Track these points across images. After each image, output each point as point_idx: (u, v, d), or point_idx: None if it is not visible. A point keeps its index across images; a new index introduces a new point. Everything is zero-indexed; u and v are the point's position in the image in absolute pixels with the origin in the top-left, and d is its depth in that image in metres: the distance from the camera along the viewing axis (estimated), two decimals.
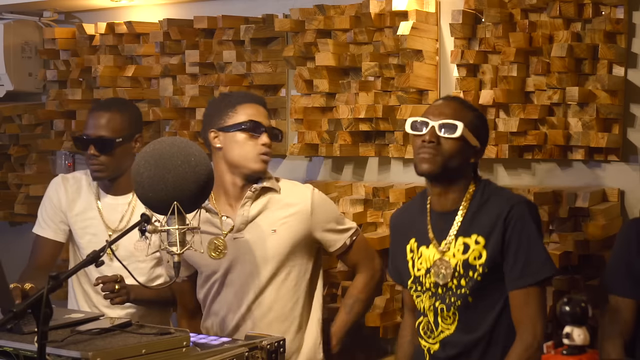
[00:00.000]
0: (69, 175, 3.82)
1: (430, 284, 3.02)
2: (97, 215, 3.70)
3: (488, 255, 2.94)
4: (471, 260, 2.96)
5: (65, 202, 3.73)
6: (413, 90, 3.74)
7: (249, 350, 2.66)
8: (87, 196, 3.74)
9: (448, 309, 2.99)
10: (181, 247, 2.72)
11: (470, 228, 2.98)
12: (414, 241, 3.10)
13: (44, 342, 2.34)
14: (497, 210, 2.96)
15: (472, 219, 2.99)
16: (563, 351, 2.12)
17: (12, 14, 4.88)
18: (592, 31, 3.40)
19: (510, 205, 2.95)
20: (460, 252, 2.97)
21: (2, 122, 4.91)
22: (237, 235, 3.31)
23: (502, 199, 2.99)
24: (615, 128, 3.43)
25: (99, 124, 3.62)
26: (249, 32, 4.14)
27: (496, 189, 3.08)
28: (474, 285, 2.96)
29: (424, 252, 3.06)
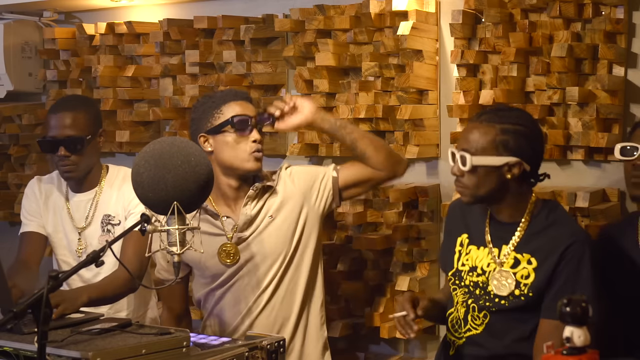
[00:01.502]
0: (43, 177, 3.85)
1: (471, 282, 2.98)
2: (65, 215, 3.73)
3: (536, 279, 2.87)
4: (518, 277, 2.90)
5: (41, 201, 3.76)
6: (413, 90, 3.74)
7: (249, 350, 2.66)
8: (57, 196, 3.77)
9: (480, 310, 2.95)
10: (181, 247, 2.72)
11: (527, 246, 2.91)
12: (466, 237, 3.05)
13: (44, 342, 2.34)
14: (558, 240, 2.87)
15: (531, 238, 2.92)
16: (563, 351, 2.11)
17: (12, 14, 4.88)
18: (592, 31, 3.40)
19: (572, 239, 2.86)
20: (510, 264, 2.92)
21: (2, 122, 4.91)
22: (241, 235, 3.31)
23: (566, 229, 2.90)
24: (615, 128, 3.43)
25: (65, 124, 3.60)
26: (249, 32, 4.14)
27: (563, 216, 2.97)
28: (514, 301, 2.90)
29: (473, 251, 3.01)
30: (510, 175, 2.88)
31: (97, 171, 3.73)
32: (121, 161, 4.52)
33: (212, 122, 3.29)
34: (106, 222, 3.67)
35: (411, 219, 3.80)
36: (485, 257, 2.97)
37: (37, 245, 3.75)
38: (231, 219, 3.32)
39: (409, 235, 3.75)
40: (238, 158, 3.27)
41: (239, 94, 3.37)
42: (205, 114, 3.31)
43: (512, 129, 2.88)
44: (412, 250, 3.76)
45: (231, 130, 3.27)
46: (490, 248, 2.97)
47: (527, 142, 2.89)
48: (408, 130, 3.75)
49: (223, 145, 3.28)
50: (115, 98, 4.55)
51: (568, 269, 2.84)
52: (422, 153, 3.76)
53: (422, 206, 3.77)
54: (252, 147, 3.27)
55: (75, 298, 3.09)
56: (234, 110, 3.29)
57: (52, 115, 3.65)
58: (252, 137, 3.27)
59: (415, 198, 3.78)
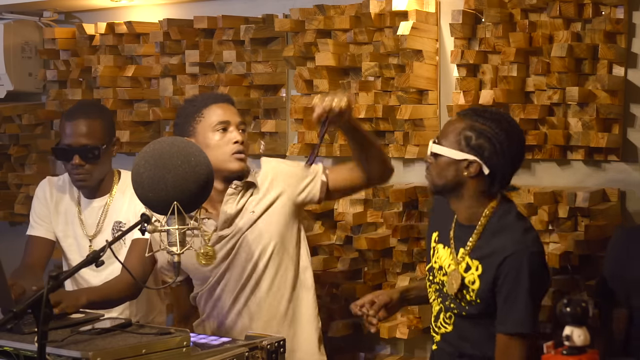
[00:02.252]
0: (55, 178, 3.81)
1: (440, 280, 3.00)
2: (76, 220, 3.71)
3: (480, 287, 2.87)
4: (467, 281, 2.90)
5: (51, 204, 3.74)
6: (413, 90, 3.74)
7: (249, 350, 2.66)
8: (69, 200, 3.74)
9: (446, 311, 2.98)
10: (181, 247, 2.72)
11: (477, 252, 2.91)
12: (436, 235, 3.06)
13: (44, 342, 2.34)
14: (499, 249, 2.85)
15: (482, 244, 2.91)
16: (563, 351, 2.12)
17: (12, 14, 4.88)
18: (592, 31, 3.40)
19: (510, 250, 2.82)
20: (463, 268, 2.92)
21: (2, 122, 4.91)
22: (222, 233, 3.28)
23: (508, 238, 2.85)
24: (615, 128, 3.43)
25: (81, 132, 3.56)
26: (249, 32, 4.14)
27: (511, 222, 2.90)
28: (467, 305, 2.92)
29: (440, 250, 3.02)
30: (466, 172, 2.87)
31: (110, 178, 3.70)
32: (121, 161, 4.51)
33: (195, 126, 3.27)
34: (117, 229, 3.62)
35: (411, 219, 3.80)
36: (447, 257, 2.98)
37: (44, 250, 3.73)
38: (212, 220, 3.29)
39: (409, 235, 3.75)
40: (221, 159, 3.23)
41: (220, 97, 3.37)
42: (187, 117, 3.29)
43: (479, 128, 2.86)
44: (412, 250, 3.76)
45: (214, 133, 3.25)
46: (452, 248, 2.97)
47: (490, 145, 2.84)
48: (408, 130, 3.75)
49: (205, 148, 3.14)
50: (115, 98, 4.55)
51: (507, 282, 2.82)
52: (422, 153, 3.76)
53: (422, 206, 3.77)
54: (234, 148, 3.24)
55: (75, 298, 3.09)
56: (215, 113, 3.27)
57: (67, 122, 3.60)
58: (233, 139, 3.25)
59: (415, 198, 3.78)
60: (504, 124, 2.89)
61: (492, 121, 2.87)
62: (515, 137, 2.91)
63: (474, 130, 2.86)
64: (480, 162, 2.85)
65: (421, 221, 3.80)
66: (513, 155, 2.89)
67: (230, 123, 3.27)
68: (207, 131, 3.26)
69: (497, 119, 2.88)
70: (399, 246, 3.77)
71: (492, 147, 2.85)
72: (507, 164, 2.88)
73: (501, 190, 2.92)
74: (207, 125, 3.26)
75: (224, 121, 3.26)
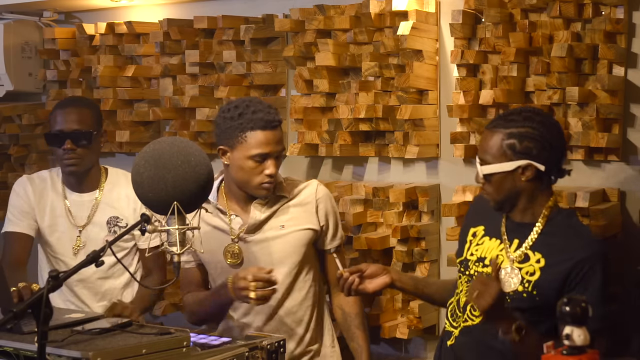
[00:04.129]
0: (34, 175, 3.86)
1: (475, 272, 2.98)
2: (64, 213, 3.73)
3: (541, 277, 2.86)
4: (523, 272, 2.90)
5: (34, 200, 3.75)
6: (413, 90, 3.74)
7: (249, 350, 2.66)
8: (53, 195, 3.76)
9: None
10: (181, 247, 2.72)
11: (540, 246, 2.91)
12: (482, 229, 3.05)
13: (44, 342, 2.34)
14: (574, 248, 2.86)
15: (546, 239, 2.91)
16: (563, 351, 2.11)
17: (12, 14, 4.88)
18: (592, 31, 3.40)
19: (589, 251, 2.85)
20: (519, 260, 2.92)
21: (2, 122, 4.91)
22: (247, 236, 3.31)
23: (584, 239, 2.89)
24: (615, 128, 3.43)
25: (72, 119, 3.65)
26: (249, 32, 4.14)
27: (580, 225, 2.97)
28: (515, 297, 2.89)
29: (486, 242, 3.01)
30: (524, 178, 2.88)
31: (97, 172, 3.76)
32: (121, 161, 4.53)
33: (234, 142, 3.22)
34: (113, 224, 3.70)
35: (411, 219, 3.80)
36: (495, 249, 2.97)
37: (25, 247, 3.74)
38: (240, 218, 3.32)
39: (409, 235, 3.75)
40: (249, 184, 3.26)
41: (269, 123, 3.23)
42: (230, 129, 3.22)
43: (517, 132, 2.87)
44: (412, 250, 3.76)
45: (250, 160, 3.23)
46: (505, 240, 2.97)
47: (535, 142, 2.87)
48: (408, 130, 3.75)
49: (238, 168, 3.23)
50: (115, 98, 4.55)
51: (581, 280, 2.83)
52: (422, 153, 3.76)
53: (422, 206, 3.77)
54: (264, 179, 3.24)
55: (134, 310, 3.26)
56: (259, 142, 3.20)
57: (58, 110, 3.70)
58: (267, 171, 3.23)
59: (415, 198, 3.78)
60: (535, 117, 2.92)
61: (525, 120, 2.89)
62: (552, 124, 2.95)
63: (514, 137, 2.87)
64: (533, 163, 2.87)
65: (421, 221, 3.81)
66: (557, 141, 2.92)
67: (269, 155, 3.23)
68: (245, 156, 3.22)
69: (528, 117, 2.91)
70: (399, 246, 3.77)
71: (537, 144, 2.87)
72: (556, 151, 2.91)
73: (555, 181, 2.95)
74: (246, 150, 3.21)
75: (264, 154, 3.21)
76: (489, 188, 2.94)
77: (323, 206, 3.37)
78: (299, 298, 3.34)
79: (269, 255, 3.29)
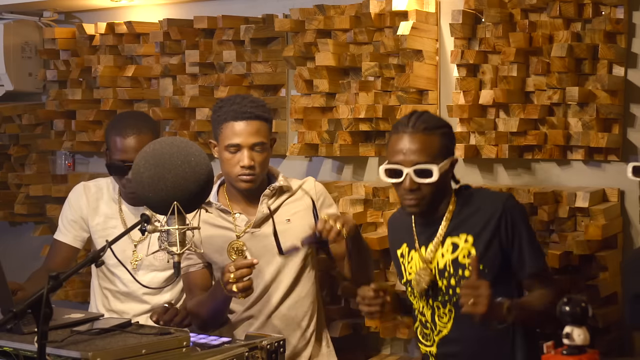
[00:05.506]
0: (91, 183, 3.76)
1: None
2: (119, 224, 3.65)
3: (480, 252, 2.95)
4: (460, 258, 2.98)
5: (87, 210, 3.69)
6: (413, 90, 3.74)
7: (249, 350, 2.66)
8: (109, 204, 3.69)
9: (444, 306, 2.99)
10: (181, 247, 2.72)
11: (459, 229, 3.00)
12: (405, 246, 3.13)
13: (44, 342, 2.34)
14: (488, 210, 2.98)
15: (460, 221, 3.00)
16: (563, 351, 2.12)
17: (12, 14, 4.88)
18: (592, 31, 3.40)
19: (502, 203, 2.98)
20: (450, 251, 2.99)
21: (2, 122, 4.91)
22: (255, 231, 3.32)
23: (489, 198, 3.03)
24: (615, 128, 3.43)
25: (135, 147, 3.47)
26: (249, 32, 4.14)
27: (482, 190, 3.13)
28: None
29: (414, 256, 3.08)
30: (450, 173, 3.04)
31: None
32: None
33: (217, 134, 3.30)
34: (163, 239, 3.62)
35: None
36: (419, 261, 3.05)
37: (67, 257, 3.71)
38: (244, 215, 3.33)
39: None
40: (229, 176, 3.30)
41: (241, 114, 3.27)
42: (214, 123, 3.33)
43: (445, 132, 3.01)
44: None
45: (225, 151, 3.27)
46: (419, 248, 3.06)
47: (452, 138, 3.05)
48: None
49: (220, 160, 3.31)
50: (115, 98, 4.55)
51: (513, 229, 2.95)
52: None
53: None
54: (240, 171, 3.26)
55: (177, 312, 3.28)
56: (231, 132, 3.25)
57: (119, 138, 3.54)
58: (241, 162, 3.25)
59: None
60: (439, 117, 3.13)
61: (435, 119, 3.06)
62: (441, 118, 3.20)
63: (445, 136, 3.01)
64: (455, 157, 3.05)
65: None
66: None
67: (242, 146, 3.25)
68: (222, 147, 3.28)
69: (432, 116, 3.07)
70: None
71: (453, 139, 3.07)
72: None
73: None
74: (222, 141, 3.28)
75: (234, 144, 3.25)
76: (429, 189, 2.97)
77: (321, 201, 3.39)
78: (304, 291, 3.35)
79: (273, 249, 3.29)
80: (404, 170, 2.95)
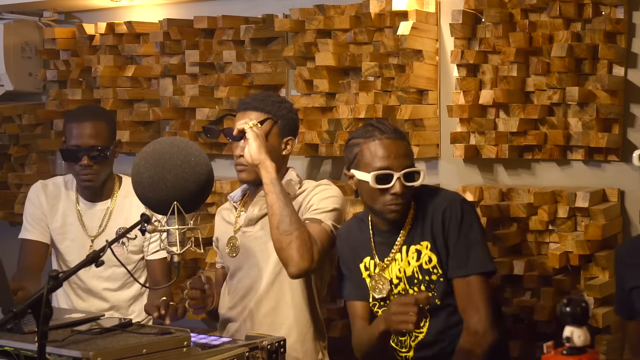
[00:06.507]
0: (48, 182, 3.84)
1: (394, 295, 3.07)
2: (76, 221, 3.73)
3: (438, 257, 2.98)
4: (424, 265, 3.01)
5: (46, 207, 3.75)
6: (413, 90, 3.73)
7: (249, 350, 2.66)
8: (66, 202, 3.76)
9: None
10: (181, 247, 2.72)
11: (418, 235, 3.03)
12: (369, 259, 3.14)
13: (44, 342, 2.33)
14: (435, 212, 3.01)
15: (418, 227, 3.04)
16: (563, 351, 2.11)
17: (12, 14, 4.88)
18: (592, 31, 3.40)
19: (445, 204, 3.01)
20: (415, 259, 3.03)
21: (2, 122, 4.91)
22: (247, 231, 3.35)
23: (437, 200, 3.04)
24: (615, 128, 3.43)
25: (88, 133, 3.62)
26: (249, 32, 4.14)
27: (430, 191, 3.11)
28: (437, 287, 3.01)
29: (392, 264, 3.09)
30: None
31: (111, 181, 3.76)
32: (121, 161, 4.51)
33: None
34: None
35: None
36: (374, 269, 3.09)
37: (39, 254, 3.75)
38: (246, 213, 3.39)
39: None
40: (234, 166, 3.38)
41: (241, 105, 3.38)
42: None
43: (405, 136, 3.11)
44: None
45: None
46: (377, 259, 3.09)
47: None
48: (408, 130, 3.74)
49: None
50: (115, 98, 4.55)
51: (453, 227, 2.97)
52: (422, 153, 3.76)
53: None
54: (235, 160, 3.31)
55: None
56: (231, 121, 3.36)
57: (74, 124, 3.65)
58: (235, 152, 3.31)
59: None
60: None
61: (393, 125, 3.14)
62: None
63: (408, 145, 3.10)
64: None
65: None
66: None
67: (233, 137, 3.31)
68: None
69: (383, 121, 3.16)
70: None
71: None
72: None
73: None
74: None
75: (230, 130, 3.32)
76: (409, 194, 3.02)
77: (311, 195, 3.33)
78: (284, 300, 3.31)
79: (264, 250, 3.30)
80: (394, 174, 2.96)
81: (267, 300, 3.31)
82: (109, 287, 3.69)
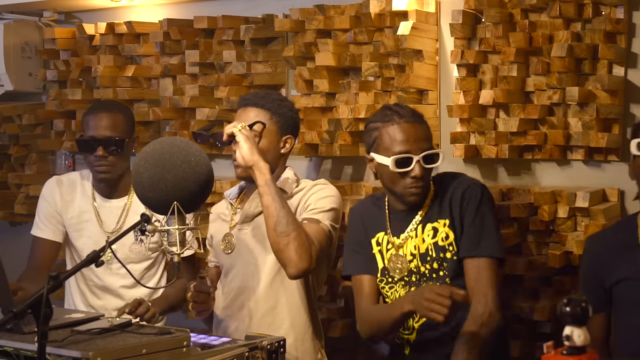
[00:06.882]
0: (63, 177, 3.82)
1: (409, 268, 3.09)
2: (93, 218, 3.70)
3: (455, 235, 3.04)
4: (440, 242, 3.05)
5: (61, 204, 3.73)
6: (413, 90, 3.74)
7: (249, 350, 2.66)
8: (82, 198, 3.74)
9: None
10: (181, 247, 2.72)
11: (436, 214, 3.08)
12: (382, 234, 3.17)
13: (43, 342, 2.33)
14: (455, 192, 3.07)
15: (436, 206, 3.09)
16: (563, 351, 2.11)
17: (12, 14, 4.88)
18: (592, 31, 3.40)
19: (467, 185, 3.09)
20: (430, 236, 3.07)
21: (2, 122, 4.91)
22: (243, 228, 3.35)
23: (457, 182, 3.11)
24: (615, 128, 3.43)
25: (104, 124, 3.64)
26: (249, 32, 4.14)
27: (451, 176, 3.19)
28: (449, 265, 3.04)
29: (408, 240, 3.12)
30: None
31: (128, 177, 3.71)
32: None
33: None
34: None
35: None
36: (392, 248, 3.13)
37: (50, 252, 3.74)
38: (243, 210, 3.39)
39: None
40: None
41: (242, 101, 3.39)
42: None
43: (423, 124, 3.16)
44: None
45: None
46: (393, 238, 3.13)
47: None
48: None
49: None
50: (115, 98, 4.54)
51: (470, 209, 3.03)
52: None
53: None
54: (233, 155, 3.29)
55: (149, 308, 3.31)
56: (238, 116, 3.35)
57: (90, 116, 3.67)
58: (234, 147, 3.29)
59: None
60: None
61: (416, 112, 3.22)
62: None
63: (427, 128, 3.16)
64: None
65: None
66: None
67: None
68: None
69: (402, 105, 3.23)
70: None
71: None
72: None
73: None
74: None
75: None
76: (428, 176, 3.10)
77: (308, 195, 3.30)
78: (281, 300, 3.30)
79: (261, 249, 3.30)
80: (414, 157, 3.00)
81: (265, 300, 3.30)
82: (125, 285, 3.67)
